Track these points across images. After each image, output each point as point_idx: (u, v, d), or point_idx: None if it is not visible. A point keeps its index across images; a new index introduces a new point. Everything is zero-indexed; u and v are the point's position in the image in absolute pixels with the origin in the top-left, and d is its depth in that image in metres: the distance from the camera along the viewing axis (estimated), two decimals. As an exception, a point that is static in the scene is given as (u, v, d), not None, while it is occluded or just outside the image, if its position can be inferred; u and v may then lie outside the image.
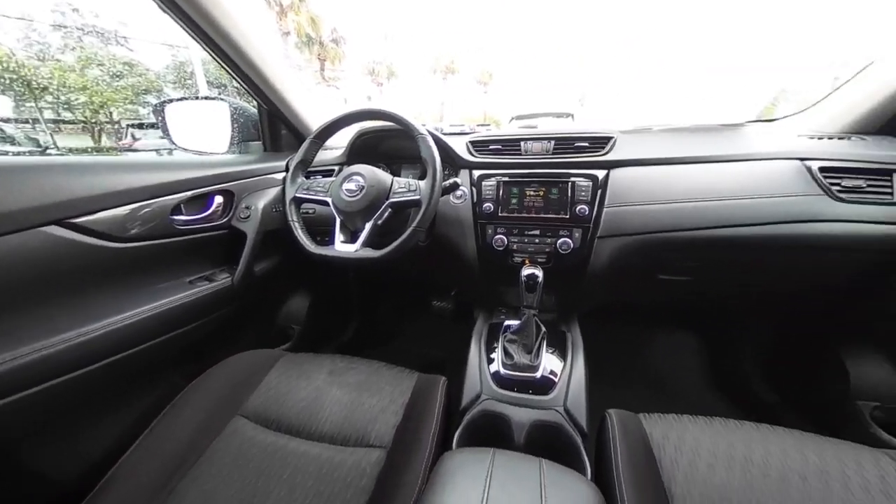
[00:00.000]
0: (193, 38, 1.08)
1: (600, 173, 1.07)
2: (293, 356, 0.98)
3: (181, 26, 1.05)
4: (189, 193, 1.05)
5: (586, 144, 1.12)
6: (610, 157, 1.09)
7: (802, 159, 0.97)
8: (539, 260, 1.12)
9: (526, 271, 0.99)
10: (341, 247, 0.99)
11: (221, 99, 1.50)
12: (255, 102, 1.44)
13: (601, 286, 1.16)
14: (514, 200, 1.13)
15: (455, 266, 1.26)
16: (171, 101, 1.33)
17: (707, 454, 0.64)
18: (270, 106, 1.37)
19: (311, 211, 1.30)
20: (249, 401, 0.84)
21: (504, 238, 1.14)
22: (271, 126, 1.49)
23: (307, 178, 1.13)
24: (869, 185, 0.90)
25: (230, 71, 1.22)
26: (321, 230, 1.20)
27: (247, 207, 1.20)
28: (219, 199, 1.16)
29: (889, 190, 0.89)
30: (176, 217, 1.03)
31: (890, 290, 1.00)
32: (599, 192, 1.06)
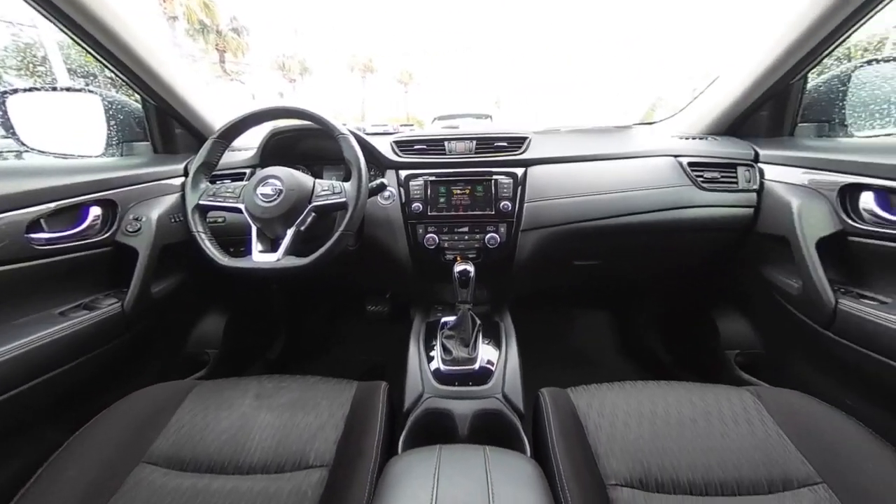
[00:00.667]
0: (49, 18, 0.88)
1: (519, 171, 1.15)
2: (209, 384, 0.87)
3: (35, 7, 0.85)
4: (51, 206, 0.86)
5: (505, 144, 1.19)
6: (526, 155, 1.18)
7: (676, 156, 1.17)
8: (469, 255, 1.16)
9: (458, 267, 1.02)
10: (260, 257, 0.90)
11: (90, 91, 1.26)
12: (137, 97, 1.24)
13: (527, 275, 1.25)
14: (441, 199, 1.16)
15: (388, 267, 1.24)
16: (15, 91, 1.07)
17: (623, 414, 0.74)
18: (158, 101, 1.19)
19: (219, 220, 1.16)
20: (156, 444, 0.72)
21: (435, 237, 1.15)
22: (162, 124, 1.29)
23: (212, 182, 1.00)
24: (722, 177, 1.12)
25: (100, 58, 1.03)
26: (234, 240, 1.08)
27: (135, 219, 1.02)
28: (96, 211, 0.97)
29: (735, 180, 1.11)
30: (34, 235, 0.84)
31: (738, 262, 1.26)
32: (519, 188, 1.14)
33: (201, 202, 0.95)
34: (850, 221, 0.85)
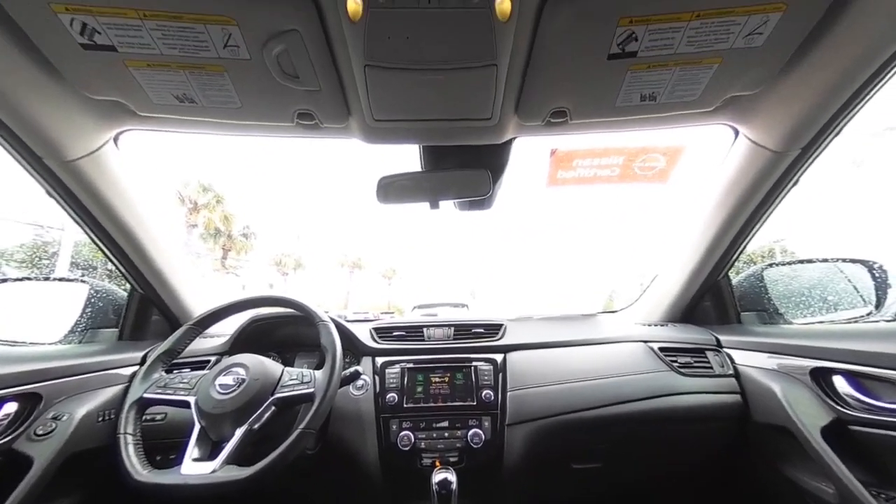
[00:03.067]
0: (76, 220, 1.01)
1: (498, 357, 1.14)
2: None
3: (66, 209, 0.99)
4: None
5: (482, 330, 1.23)
6: (503, 341, 1.20)
7: (645, 341, 1.22)
8: (451, 459, 0.99)
9: (437, 477, 0.86)
10: (192, 467, 0.73)
11: (82, 281, 1.31)
12: (128, 286, 1.29)
13: (520, 484, 1.04)
14: (419, 388, 1.08)
15: (352, 478, 1.01)
16: (4, 280, 1.10)
17: None
18: (147, 289, 1.23)
19: (159, 417, 1.00)
20: None
21: (410, 434, 1.01)
22: (140, 311, 1.29)
23: (168, 371, 0.92)
24: (695, 362, 1.15)
25: (108, 252, 1.12)
26: (168, 444, 0.90)
27: (54, 418, 0.86)
28: (8, 408, 0.83)
29: (709, 364, 1.14)
30: None
31: (755, 462, 1.12)
32: (500, 375, 1.10)
33: (146, 395, 0.84)
34: (840, 408, 0.83)
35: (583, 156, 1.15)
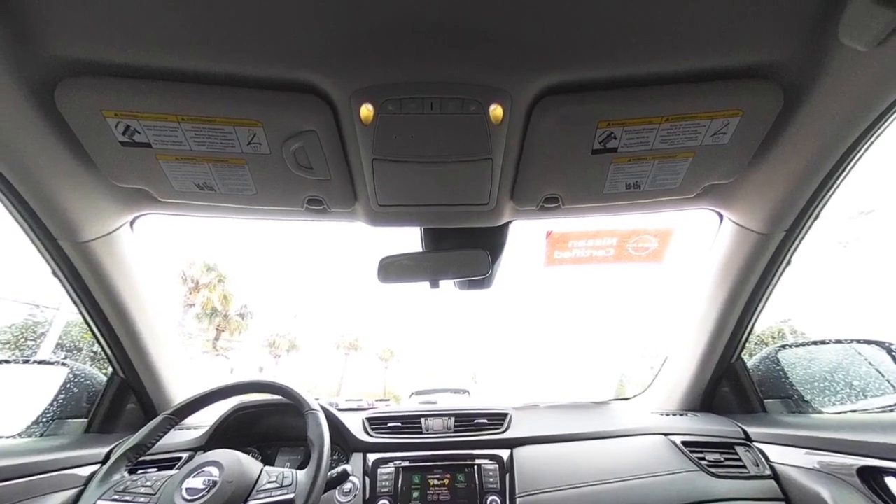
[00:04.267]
0: (74, 300, 1.00)
1: (504, 453, 1.02)
2: None
3: (67, 289, 0.99)
4: None
5: (485, 421, 1.12)
6: (509, 434, 1.09)
7: (666, 434, 1.10)
8: None
9: None
10: None
11: (63, 363, 1.24)
12: (109, 370, 1.22)
13: None
14: (415, 494, 0.94)
15: None
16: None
17: None
18: (129, 373, 1.16)
19: None
20: None
21: None
22: (116, 399, 1.19)
23: (132, 472, 0.81)
24: (726, 459, 1.02)
25: (99, 333, 1.08)
26: None
27: None
28: None
29: (740, 462, 1.01)
30: None
31: None
32: (507, 476, 0.97)
33: (100, 502, 0.73)
34: None
35: (577, 237, 1.20)
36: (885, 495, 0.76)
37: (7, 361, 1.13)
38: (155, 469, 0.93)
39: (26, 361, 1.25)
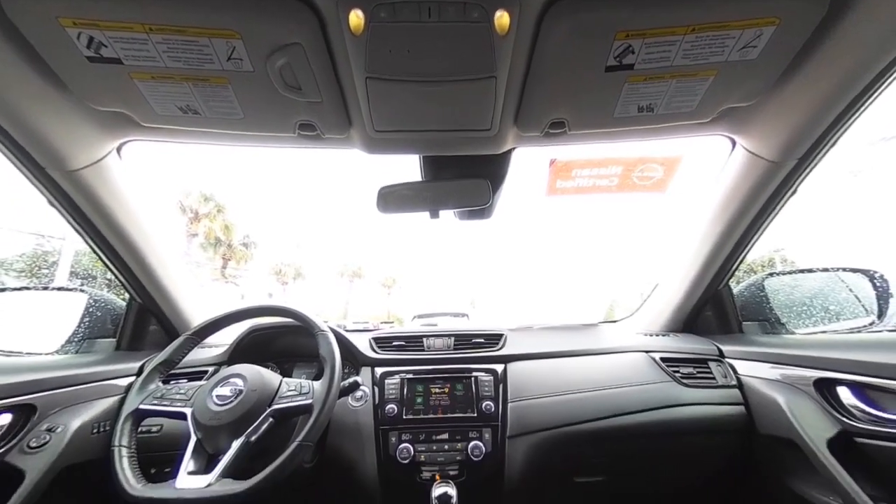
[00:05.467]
0: (77, 229, 1.02)
1: (499, 367, 1.13)
2: None
3: (67, 219, 1.00)
4: None
5: (482, 340, 1.22)
6: (504, 351, 1.19)
7: (647, 351, 1.21)
8: (451, 472, 0.97)
9: (437, 491, 0.84)
10: (187, 481, 0.72)
11: (81, 290, 1.30)
12: (126, 295, 1.28)
13: (521, 500, 1.02)
14: (419, 400, 1.07)
15: (349, 492, 0.99)
16: (3, 289, 1.10)
17: None
18: (145, 299, 1.23)
19: (154, 428, 0.98)
20: None
21: (410, 447, 0.99)
22: (138, 321, 1.29)
23: (166, 382, 0.91)
24: (698, 372, 1.14)
25: (108, 262, 1.12)
26: (163, 457, 0.89)
27: (48, 430, 0.85)
28: (2, 420, 0.82)
29: (711, 375, 1.12)
30: None
31: (760, 476, 1.10)
32: (501, 386, 1.09)
33: (142, 406, 0.83)
34: (846, 420, 0.82)
35: (581, 166, 1.16)
36: (834, 402, 0.86)
37: (27, 288, 1.19)
38: (185, 380, 1.04)
39: (45, 288, 1.31)
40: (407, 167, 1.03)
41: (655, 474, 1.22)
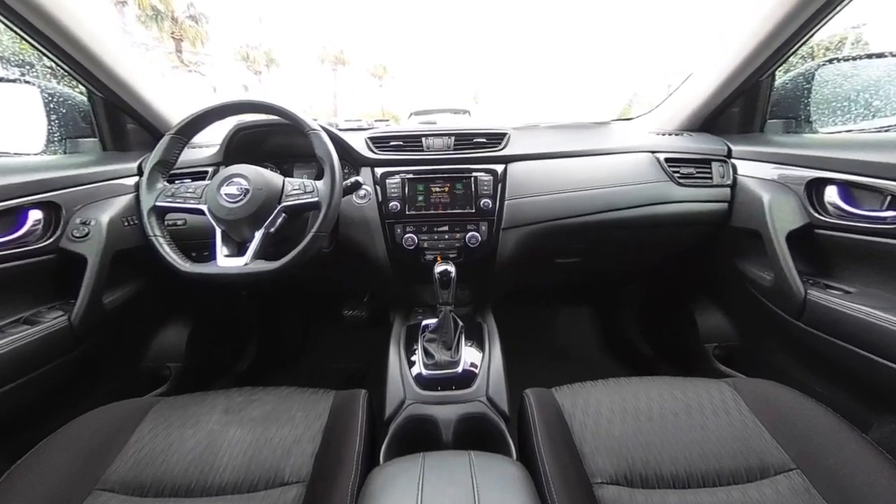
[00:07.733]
0: None
1: (499, 168, 1.13)
2: (171, 400, 0.80)
3: None
4: None
5: (484, 140, 1.17)
6: (505, 151, 1.16)
7: (653, 152, 1.18)
8: (450, 255, 1.14)
9: (439, 268, 0.99)
10: (226, 261, 0.84)
11: (26, 82, 1.13)
12: (82, 89, 1.13)
13: (509, 274, 1.24)
14: (420, 198, 1.12)
15: (365, 269, 1.20)
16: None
17: (606, 412, 0.74)
18: (106, 93, 1.08)
19: (179, 222, 1.07)
20: (112, 468, 0.65)
21: (414, 237, 1.12)
22: (111, 119, 1.18)
23: (170, 182, 0.93)
24: (698, 172, 1.15)
25: (39, 45, 0.92)
26: (197, 244, 1.00)
27: (83, 223, 0.93)
28: (36, 215, 0.87)
29: (710, 175, 1.15)
30: None
31: (714, 255, 1.30)
32: (500, 185, 1.12)
33: (158, 203, 0.87)
34: (816, 215, 0.89)
35: None
36: (815, 200, 0.90)
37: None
38: (189, 180, 1.06)
39: (-19, 78, 1.13)
40: None
41: (625, 256, 1.43)
